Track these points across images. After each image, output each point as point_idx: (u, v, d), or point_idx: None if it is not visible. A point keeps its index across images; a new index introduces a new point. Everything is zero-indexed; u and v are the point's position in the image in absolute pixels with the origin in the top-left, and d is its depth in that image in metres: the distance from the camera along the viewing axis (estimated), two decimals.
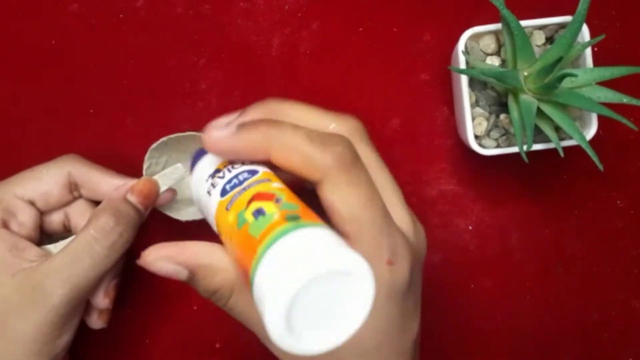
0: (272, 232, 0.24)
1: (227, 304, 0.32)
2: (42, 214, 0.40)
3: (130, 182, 0.39)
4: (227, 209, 0.28)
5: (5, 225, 0.37)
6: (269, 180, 0.29)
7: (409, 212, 0.31)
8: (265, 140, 0.28)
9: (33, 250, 0.37)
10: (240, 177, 0.29)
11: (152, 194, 0.39)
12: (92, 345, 0.46)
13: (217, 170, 0.31)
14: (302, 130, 0.29)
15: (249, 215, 0.26)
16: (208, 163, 0.33)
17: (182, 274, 0.30)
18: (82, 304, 0.38)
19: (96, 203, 0.40)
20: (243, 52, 0.47)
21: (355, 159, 0.29)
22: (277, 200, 0.27)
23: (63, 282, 0.35)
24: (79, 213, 0.41)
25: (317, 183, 0.28)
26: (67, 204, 0.40)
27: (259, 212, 0.26)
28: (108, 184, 0.39)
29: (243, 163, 0.31)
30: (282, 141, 0.28)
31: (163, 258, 0.30)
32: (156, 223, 0.46)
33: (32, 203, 0.39)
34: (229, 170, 0.30)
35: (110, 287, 0.39)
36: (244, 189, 0.28)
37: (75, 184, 0.40)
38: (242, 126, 0.29)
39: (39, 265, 0.35)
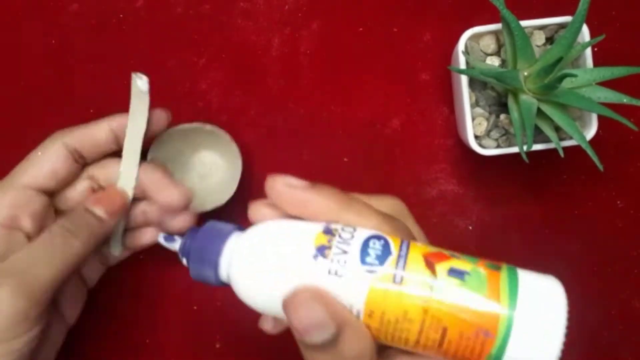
0: (503, 286, 0.25)
1: None
2: (53, 196, 0.39)
3: (100, 192, 0.39)
4: (396, 282, 0.25)
5: (16, 222, 0.36)
6: (408, 242, 0.27)
7: None
8: (338, 199, 0.27)
9: None
10: (375, 246, 0.26)
11: (116, 204, 0.38)
12: (92, 345, 0.46)
13: (323, 247, 0.26)
14: (367, 207, 0.28)
15: (448, 280, 0.25)
16: (279, 244, 0.27)
17: (327, 329, 0.25)
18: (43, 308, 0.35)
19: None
20: (243, 52, 0.47)
21: (409, 212, 0.31)
22: (454, 256, 0.26)
23: (18, 287, 0.33)
24: (103, 170, 0.40)
25: None
26: (77, 174, 0.40)
27: (458, 273, 0.25)
28: (103, 134, 0.38)
29: (339, 232, 0.26)
30: (354, 202, 0.28)
31: (316, 299, 0.25)
32: None
33: (41, 190, 0.38)
34: (343, 243, 0.26)
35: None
36: (401, 256, 0.25)
37: (76, 151, 0.39)
38: (315, 184, 0.28)
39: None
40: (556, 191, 0.47)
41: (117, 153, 0.39)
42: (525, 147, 0.39)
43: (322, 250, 0.26)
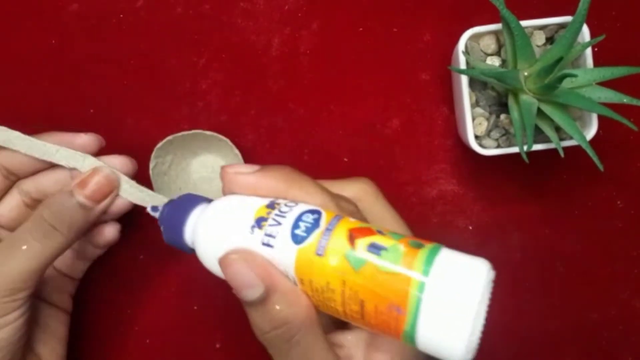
0: (418, 262, 0.24)
1: (292, 339, 0.29)
2: None
3: (82, 175, 0.36)
4: (318, 254, 0.26)
5: None
6: (341, 217, 0.28)
7: None
8: (287, 179, 0.30)
9: None
10: (307, 219, 0.27)
11: (103, 188, 0.36)
12: (92, 345, 0.46)
13: (261, 219, 0.28)
14: (321, 184, 0.30)
15: (365, 254, 0.25)
16: (225, 216, 0.29)
17: (256, 289, 0.27)
18: (24, 297, 0.35)
19: None
20: (243, 52, 0.47)
21: (378, 192, 0.32)
22: (380, 232, 0.27)
23: None
24: (34, 183, 0.39)
25: None
26: (6, 190, 0.39)
27: (377, 248, 0.25)
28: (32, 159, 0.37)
29: (280, 206, 0.28)
30: (303, 181, 0.30)
31: (244, 260, 0.27)
32: None
33: None
34: (280, 216, 0.28)
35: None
36: (328, 229, 0.27)
37: (4, 168, 0.38)
38: (264, 167, 0.30)
39: None
40: (556, 191, 0.47)
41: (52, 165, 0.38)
42: (525, 147, 0.39)
43: (259, 222, 0.28)
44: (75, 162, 0.38)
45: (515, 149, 0.41)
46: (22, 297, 0.34)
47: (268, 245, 0.27)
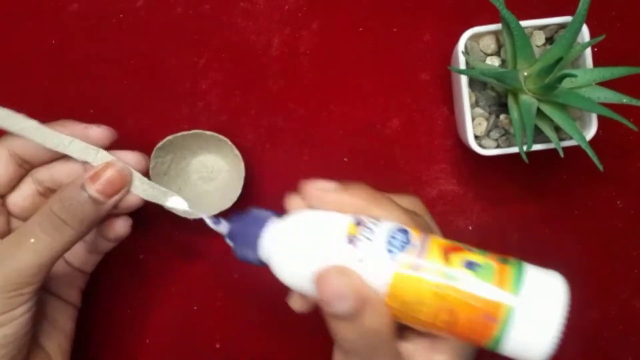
0: (509, 279, 0.28)
1: (379, 348, 0.30)
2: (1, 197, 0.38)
3: (95, 168, 0.36)
4: (415, 270, 0.28)
5: None
6: (427, 234, 0.30)
7: None
8: (367, 197, 0.31)
9: None
10: (399, 237, 0.29)
11: (116, 183, 0.36)
12: (92, 345, 0.46)
13: (352, 236, 0.29)
14: (389, 201, 0.32)
15: (462, 271, 0.28)
16: (316, 231, 0.31)
17: (348, 301, 0.28)
18: (31, 292, 0.35)
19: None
20: (243, 52, 0.47)
21: (426, 209, 0.36)
22: (468, 249, 0.29)
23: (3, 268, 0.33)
24: (48, 172, 0.38)
25: None
26: (20, 178, 0.39)
27: (472, 264, 0.28)
28: (47, 149, 0.37)
29: (366, 223, 0.30)
30: (382, 199, 0.31)
31: (341, 274, 0.29)
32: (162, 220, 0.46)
33: None
34: (369, 233, 0.29)
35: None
36: (422, 247, 0.29)
37: (19, 157, 0.38)
38: (345, 185, 0.32)
39: None
40: (556, 191, 0.47)
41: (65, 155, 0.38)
42: (525, 147, 0.39)
43: (352, 238, 0.29)
44: (88, 156, 0.37)
45: (515, 149, 0.41)
46: (29, 291, 0.34)
47: (362, 260, 0.29)
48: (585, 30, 0.41)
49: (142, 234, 0.46)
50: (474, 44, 0.42)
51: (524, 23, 0.40)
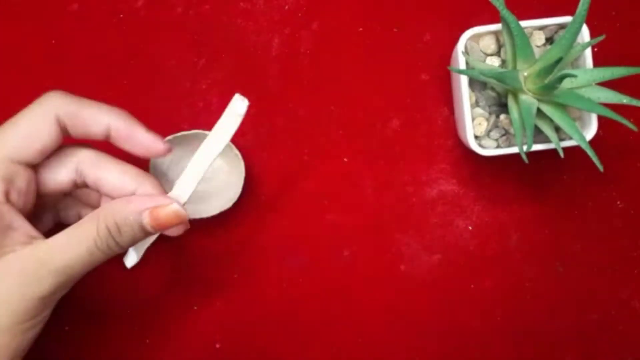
0: None
1: None
2: (37, 170, 0.37)
3: (155, 200, 0.35)
4: None
5: (7, 196, 0.35)
6: None
7: None
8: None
9: (23, 230, 0.34)
10: None
11: (169, 225, 0.35)
12: (91, 346, 0.46)
13: None
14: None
15: None
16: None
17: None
18: (59, 298, 0.36)
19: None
20: (243, 52, 0.47)
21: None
22: None
23: (56, 273, 0.33)
24: (90, 164, 0.38)
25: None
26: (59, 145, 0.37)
27: None
28: (102, 128, 0.36)
29: None
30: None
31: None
32: None
33: (28, 164, 0.36)
34: None
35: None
36: None
37: (66, 127, 0.36)
38: None
39: (33, 249, 0.33)
40: (556, 191, 0.47)
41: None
42: (525, 148, 0.39)
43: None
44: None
45: (515, 149, 0.41)
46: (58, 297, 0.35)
47: None
48: (585, 31, 0.40)
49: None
50: (474, 44, 0.42)
51: (523, 23, 0.40)
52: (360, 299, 0.46)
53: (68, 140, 0.37)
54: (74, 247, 0.34)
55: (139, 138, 0.37)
